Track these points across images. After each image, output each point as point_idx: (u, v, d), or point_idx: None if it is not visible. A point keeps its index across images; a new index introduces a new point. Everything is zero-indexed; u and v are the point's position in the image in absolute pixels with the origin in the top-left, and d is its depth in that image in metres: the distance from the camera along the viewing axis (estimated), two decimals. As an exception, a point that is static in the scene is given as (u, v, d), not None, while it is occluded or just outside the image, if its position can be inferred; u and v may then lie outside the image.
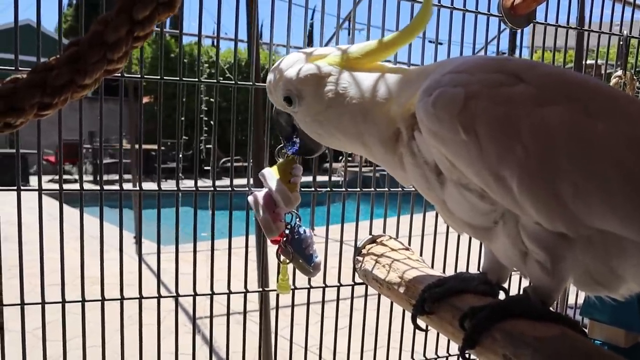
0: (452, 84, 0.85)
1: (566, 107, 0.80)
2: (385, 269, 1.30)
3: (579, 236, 0.83)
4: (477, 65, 0.89)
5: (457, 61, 0.94)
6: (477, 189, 0.88)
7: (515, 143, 0.79)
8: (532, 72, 0.85)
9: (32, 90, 0.75)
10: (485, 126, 0.80)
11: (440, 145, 0.86)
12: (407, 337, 1.91)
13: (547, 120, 0.79)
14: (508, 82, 0.83)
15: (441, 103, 0.84)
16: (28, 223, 1.50)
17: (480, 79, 0.84)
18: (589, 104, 0.81)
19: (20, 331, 1.52)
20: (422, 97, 0.88)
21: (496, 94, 0.82)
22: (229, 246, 1.69)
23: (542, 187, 0.79)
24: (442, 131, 0.84)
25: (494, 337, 0.90)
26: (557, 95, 0.82)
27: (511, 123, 0.80)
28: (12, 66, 1.39)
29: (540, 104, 0.80)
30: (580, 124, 0.79)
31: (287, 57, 1.10)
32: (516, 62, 0.92)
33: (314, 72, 1.03)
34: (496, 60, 0.92)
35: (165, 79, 1.50)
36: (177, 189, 1.60)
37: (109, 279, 1.62)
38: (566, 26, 2.03)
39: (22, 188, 1.43)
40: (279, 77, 1.06)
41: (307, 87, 1.03)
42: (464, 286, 1.03)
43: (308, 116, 1.06)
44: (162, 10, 0.76)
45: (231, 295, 1.74)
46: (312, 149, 1.17)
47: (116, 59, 0.77)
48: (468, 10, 1.81)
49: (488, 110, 0.81)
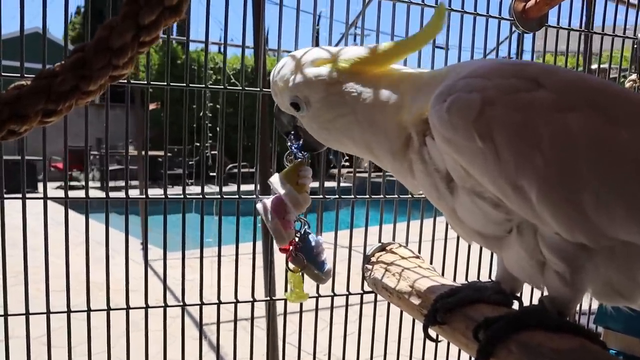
0: (467, 89, 0.81)
1: (587, 114, 0.76)
2: (395, 277, 1.28)
3: (601, 247, 0.79)
4: (493, 70, 0.85)
5: (473, 65, 0.91)
6: (491, 197, 0.84)
7: (534, 151, 0.75)
8: (552, 78, 0.82)
9: (37, 97, 0.74)
10: (502, 134, 0.77)
11: (454, 152, 0.83)
12: (417, 345, 1.88)
13: (568, 128, 0.75)
14: (526, 87, 0.80)
15: (456, 109, 0.80)
16: (35, 230, 1.49)
17: (497, 84, 0.81)
18: (610, 110, 0.78)
19: (25, 338, 1.51)
20: (436, 103, 0.84)
21: (514, 100, 0.79)
22: (236, 253, 1.67)
23: (562, 197, 0.75)
24: (457, 138, 0.80)
25: (509, 349, 0.87)
26: (577, 101, 0.78)
27: (530, 131, 0.76)
28: (20, 73, 1.39)
29: (560, 110, 0.76)
30: (601, 132, 0.75)
31: (289, 58, 1.07)
32: (535, 66, 0.89)
33: (323, 79, 1.00)
34: (513, 65, 0.89)
35: (171, 85, 1.49)
36: (183, 195, 1.58)
37: (115, 285, 1.61)
38: (579, 29, 2.00)
39: (27, 196, 1.42)
40: (285, 81, 1.04)
41: (316, 95, 1.00)
42: (478, 296, 1.01)
43: (315, 123, 1.04)
44: (168, 15, 0.75)
45: (238, 303, 1.72)
46: (315, 147, 1.16)
47: (121, 64, 0.75)
48: (479, 14, 1.79)
49: (505, 117, 0.77)
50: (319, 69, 1.01)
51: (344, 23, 1.67)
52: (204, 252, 1.66)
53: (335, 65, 1.01)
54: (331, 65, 1.02)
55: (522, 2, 1.76)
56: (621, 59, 2.14)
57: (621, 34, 2.12)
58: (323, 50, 1.06)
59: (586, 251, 0.80)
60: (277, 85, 1.07)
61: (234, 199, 1.63)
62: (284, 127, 1.15)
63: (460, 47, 1.85)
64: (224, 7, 1.56)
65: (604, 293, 0.86)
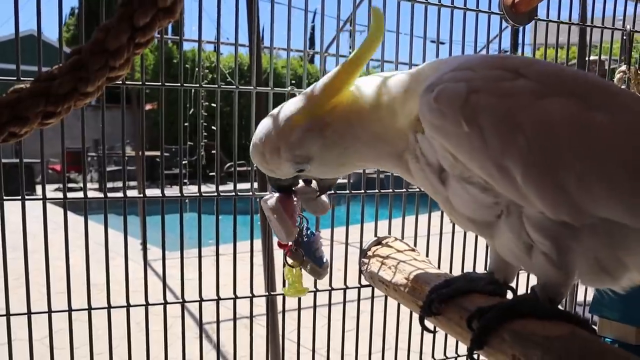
0: (454, 80, 0.86)
1: (565, 100, 0.81)
2: (392, 270, 1.29)
3: (584, 225, 0.83)
4: (478, 63, 0.89)
5: (458, 60, 0.94)
6: (479, 182, 0.88)
7: (517, 134, 0.80)
8: (531, 68, 0.86)
9: (36, 99, 0.75)
10: (487, 118, 0.81)
11: (442, 139, 0.87)
12: (415, 338, 1.90)
13: (549, 112, 0.80)
14: (508, 77, 0.84)
15: (443, 97, 0.84)
16: (35, 232, 1.50)
17: (482, 75, 0.85)
18: (587, 97, 0.82)
19: (27, 340, 1.53)
20: (424, 94, 0.88)
21: (497, 87, 0.83)
22: (234, 251, 1.68)
23: (545, 177, 0.79)
24: (445, 124, 0.84)
25: (502, 337, 0.89)
26: (556, 89, 0.83)
27: (513, 115, 0.81)
28: (17, 76, 1.40)
29: (540, 96, 0.81)
30: (580, 115, 0.80)
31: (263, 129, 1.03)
32: (515, 58, 0.94)
33: (311, 132, 0.99)
34: (496, 58, 0.94)
35: (166, 85, 1.51)
36: (180, 195, 1.60)
37: (115, 285, 1.63)
38: (568, 22, 2.02)
39: (26, 198, 1.44)
40: (275, 154, 1.00)
41: (314, 146, 0.99)
42: (471, 286, 1.02)
43: (326, 166, 1.05)
44: (162, 16, 0.76)
45: (238, 299, 1.74)
46: (331, 184, 1.18)
47: (118, 66, 0.77)
48: (469, 9, 1.81)
49: (490, 103, 0.82)
50: (301, 126, 0.99)
51: (336, 19, 1.68)
52: (203, 251, 1.67)
53: (312, 111, 1.00)
54: (307, 114, 1.00)
55: (512, -4, 1.78)
56: (610, 50, 2.16)
57: (618, 25, 2.14)
58: (290, 103, 1.03)
59: (571, 230, 0.83)
60: (268, 162, 1.03)
61: (231, 197, 1.64)
62: (287, 188, 1.13)
63: (451, 42, 1.87)
64: (216, 5, 1.58)
65: (591, 274, 0.89)
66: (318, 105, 0.99)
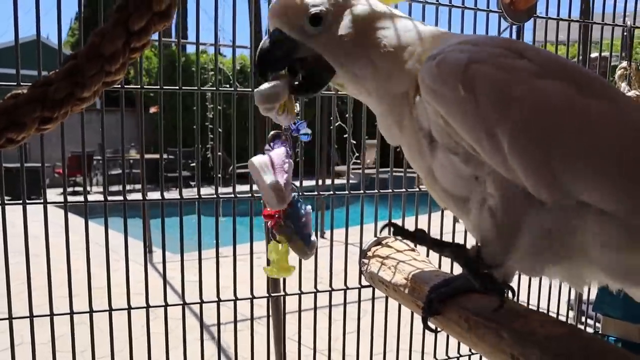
0: (458, 51, 0.89)
1: (563, 84, 0.83)
2: (391, 270, 1.29)
3: (555, 203, 0.84)
4: (485, 41, 0.93)
5: (466, 36, 0.99)
6: (463, 153, 0.90)
7: (511, 104, 0.82)
8: (535, 53, 0.89)
9: (33, 105, 0.75)
10: (484, 86, 0.84)
11: (437, 103, 0.89)
12: (416, 338, 1.90)
13: (545, 91, 0.82)
14: (512, 56, 0.87)
15: (444, 64, 0.88)
16: (39, 236, 1.51)
17: (485, 49, 0.89)
18: (584, 85, 0.84)
19: (30, 343, 1.53)
20: (427, 61, 0.91)
21: (499, 62, 0.86)
22: (234, 252, 1.69)
23: (532, 149, 0.81)
24: (442, 89, 0.87)
25: (501, 335, 0.89)
26: (556, 74, 0.85)
27: (510, 87, 0.83)
28: (17, 81, 1.41)
29: (539, 77, 0.84)
30: (576, 99, 0.82)
31: None
32: (522, 44, 0.95)
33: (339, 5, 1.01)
34: (504, 40, 0.96)
35: (165, 88, 1.51)
36: (180, 197, 1.61)
37: (118, 288, 1.63)
38: (568, 19, 2.02)
39: (27, 202, 1.45)
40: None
41: (343, 8, 1.01)
42: (471, 285, 1.03)
43: (332, 46, 1.01)
44: (157, 20, 0.77)
45: (238, 301, 1.75)
46: (320, 81, 1.08)
47: (114, 70, 0.77)
48: (467, 8, 1.81)
49: (489, 73, 0.84)
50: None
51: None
52: (204, 254, 1.68)
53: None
54: None
55: (510, -5, 1.78)
56: (611, 46, 2.15)
57: (618, 21, 2.13)
58: None
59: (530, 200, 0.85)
60: (286, 5, 1.02)
61: (230, 199, 1.65)
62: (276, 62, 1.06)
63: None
64: (214, 8, 1.58)
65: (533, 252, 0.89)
66: None
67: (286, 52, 1.05)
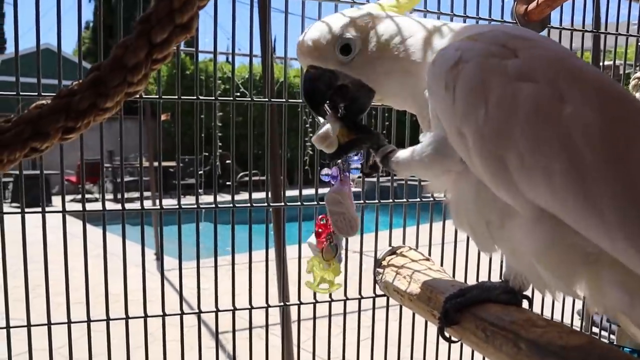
0: (454, 48, 0.93)
1: (541, 87, 0.83)
2: (406, 280, 1.30)
3: (528, 213, 0.84)
4: (487, 37, 0.94)
5: (477, 29, 1.02)
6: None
7: (480, 106, 0.85)
8: (530, 52, 0.89)
9: (57, 115, 0.77)
10: (462, 85, 0.87)
11: (431, 98, 0.95)
12: (430, 347, 1.89)
13: (517, 93, 0.83)
14: (502, 55, 0.88)
15: (439, 62, 0.93)
16: (52, 243, 1.53)
17: (479, 47, 0.91)
18: (567, 89, 0.82)
19: (47, 350, 1.55)
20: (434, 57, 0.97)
21: (484, 62, 0.88)
22: (250, 260, 1.70)
23: (491, 150, 0.84)
24: (433, 85, 0.93)
25: (518, 346, 0.89)
26: (540, 75, 0.84)
27: (484, 88, 0.85)
28: (34, 90, 1.44)
29: (518, 79, 0.84)
30: (546, 104, 0.81)
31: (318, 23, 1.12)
32: (524, 40, 0.93)
33: (372, 14, 1.09)
34: (507, 35, 0.95)
35: (182, 98, 1.53)
36: (196, 205, 1.62)
37: (132, 295, 1.64)
38: (581, 29, 2.01)
39: (46, 210, 1.47)
40: (330, 29, 1.08)
41: (367, 30, 1.07)
42: (486, 295, 1.03)
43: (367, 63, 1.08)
44: (179, 32, 0.78)
45: (253, 310, 1.75)
46: (364, 104, 1.15)
47: (136, 81, 0.78)
48: (481, 18, 1.82)
49: (470, 73, 0.87)
50: (366, 11, 1.12)
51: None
52: (219, 261, 1.69)
53: (376, 7, 1.13)
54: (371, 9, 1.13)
55: (524, 5, 1.78)
56: (625, 55, 2.14)
57: (632, 29, 2.12)
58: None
59: (511, 213, 0.87)
60: (315, 40, 1.08)
61: (246, 207, 1.66)
62: (322, 94, 1.13)
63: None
64: (231, 17, 1.60)
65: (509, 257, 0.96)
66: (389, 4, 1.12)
67: (328, 84, 1.11)
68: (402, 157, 1.08)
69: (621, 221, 0.72)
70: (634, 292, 0.77)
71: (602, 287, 0.81)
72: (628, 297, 0.77)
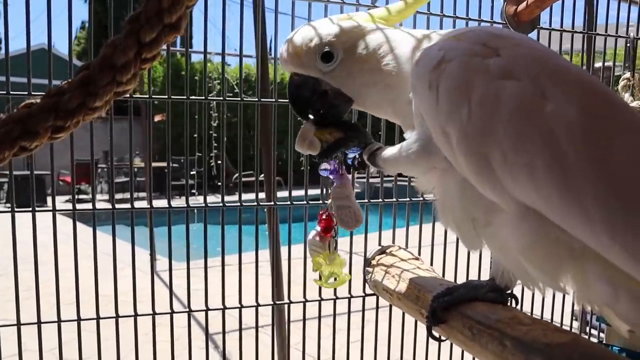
0: (438, 48, 0.94)
1: (524, 85, 0.83)
2: (395, 279, 1.31)
3: (513, 211, 0.85)
4: (469, 37, 0.95)
5: (459, 31, 1.03)
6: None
7: (463, 104, 0.85)
8: (512, 50, 0.89)
9: (46, 114, 0.77)
10: (445, 85, 0.88)
11: (415, 98, 0.96)
12: (420, 346, 1.90)
13: (499, 92, 0.84)
14: (485, 54, 0.89)
15: (422, 62, 0.94)
16: (45, 243, 1.53)
17: (462, 47, 0.92)
18: (549, 87, 0.82)
19: (37, 350, 1.55)
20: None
21: (467, 61, 0.89)
22: (239, 261, 1.70)
23: (474, 148, 0.85)
24: (417, 85, 0.94)
25: (504, 344, 0.90)
26: (521, 73, 0.85)
27: (467, 88, 0.86)
28: (28, 91, 1.43)
29: (500, 77, 0.85)
30: (528, 101, 0.82)
31: (307, 25, 1.13)
32: (506, 39, 0.94)
33: (360, 25, 1.10)
34: (489, 34, 0.96)
35: (173, 98, 1.54)
36: (187, 205, 1.62)
37: (124, 296, 1.65)
38: (571, 30, 2.03)
39: (37, 209, 1.47)
40: (312, 36, 1.08)
41: (352, 40, 1.08)
42: (473, 294, 1.04)
43: (348, 75, 1.09)
44: (168, 32, 0.79)
45: (244, 309, 1.75)
46: (341, 110, 1.17)
47: (125, 81, 0.79)
48: (471, 19, 1.83)
49: (453, 73, 0.88)
50: (350, 21, 1.12)
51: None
52: (210, 262, 1.69)
53: (361, 18, 1.13)
54: (356, 19, 1.12)
55: (514, 6, 1.79)
56: (614, 57, 2.16)
57: (622, 31, 2.14)
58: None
59: (496, 209, 0.88)
60: (298, 46, 1.09)
61: (236, 207, 1.66)
62: (306, 100, 1.14)
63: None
64: (222, 17, 1.61)
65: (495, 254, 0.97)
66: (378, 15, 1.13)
67: (312, 90, 1.13)
68: (389, 154, 1.09)
69: (604, 217, 0.74)
70: (617, 285, 0.78)
71: (587, 281, 0.82)
72: (612, 289, 0.78)
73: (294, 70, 1.13)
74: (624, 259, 0.73)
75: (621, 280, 0.77)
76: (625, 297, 0.77)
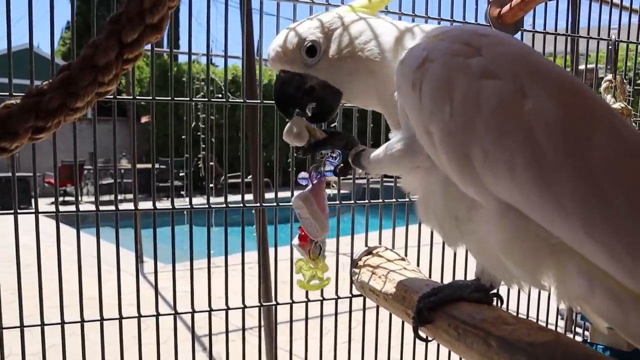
0: (421, 48, 0.95)
1: (504, 83, 0.84)
2: (382, 280, 1.31)
3: (491, 208, 0.86)
4: (452, 36, 0.96)
5: (442, 30, 1.04)
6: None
7: (445, 104, 0.87)
8: (493, 49, 0.90)
9: (26, 115, 0.76)
10: (428, 84, 0.89)
11: (400, 97, 0.97)
12: (407, 347, 1.91)
13: (480, 91, 0.85)
14: (467, 53, 0.90)
15: (406, 61, 0.95)
16: (30, 246, 1.51)
17: (445, 46, 0.93)
18: (530, 85, 0.83)
19: (20, 354, 1.52)
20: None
21: (450, 61, 0.90)
22: (225, 262, 1.69)
23: (456, 146, 0.86)
24: (402, 85, 0.95)
25: (489, 343, 0.91)
26: (503, 72, 0.86)
27: (449, 87, 0.87)
28: (9, 92, 1.42)
29: (482, 76, 0.86)
30: (509, 100, 0.83)
31: (289, 27, 1.13)
32: (489, 37, 0.95)
33: (339, 16, 1.11)
34: (472, 33, 0.97)
35: (157, 99, 1.53)
36: (172, 207, 1.61)
37: (109, 298, 1.63)
38: (554, 33, 2.05)
39: (18, 212, 1.45)
40: (296, 32, 1.10)
41: (332, 31, 1.09)
42: (459, 294, 1.04)
43: (333, 66, 1.09)
44: (150, 32, 0.78)
45: (230, 311, 1.74)
46: (332, 104, 1.16)
47: (107, 81, 0.78)
48: (455, 21, 1.84)
49: (436, 72, 0.89)
50: (331, 14, 1.13)
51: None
52: (197, 264, 1.68)
53: (342, 10, 1.14)
54: (337, 11, 1.14)
55: (497, 8, 1.81)
56: (597, 59, 2.19)
57: (604, 34, 2.17)
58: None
59: (478, 207, 0.89)
60: (281, 45, 1.10)
61: (222, 209, 1.65)
62: (292, 98, 1.15)
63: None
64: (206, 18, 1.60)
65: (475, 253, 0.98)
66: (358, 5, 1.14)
67: (297, 86, 1.14)
68: (373, 154, 1.10)
69: (581, 213, 0.75)
70: (593, 280, 0.79)
71: (565, 277, 0.83)
72: (588, 283, 0.79)
73: (282, 68, 1.13)
74: (599, 255, 0.75)
75: (597, 275, 0.78)
76: (600, 293, 0.78)
